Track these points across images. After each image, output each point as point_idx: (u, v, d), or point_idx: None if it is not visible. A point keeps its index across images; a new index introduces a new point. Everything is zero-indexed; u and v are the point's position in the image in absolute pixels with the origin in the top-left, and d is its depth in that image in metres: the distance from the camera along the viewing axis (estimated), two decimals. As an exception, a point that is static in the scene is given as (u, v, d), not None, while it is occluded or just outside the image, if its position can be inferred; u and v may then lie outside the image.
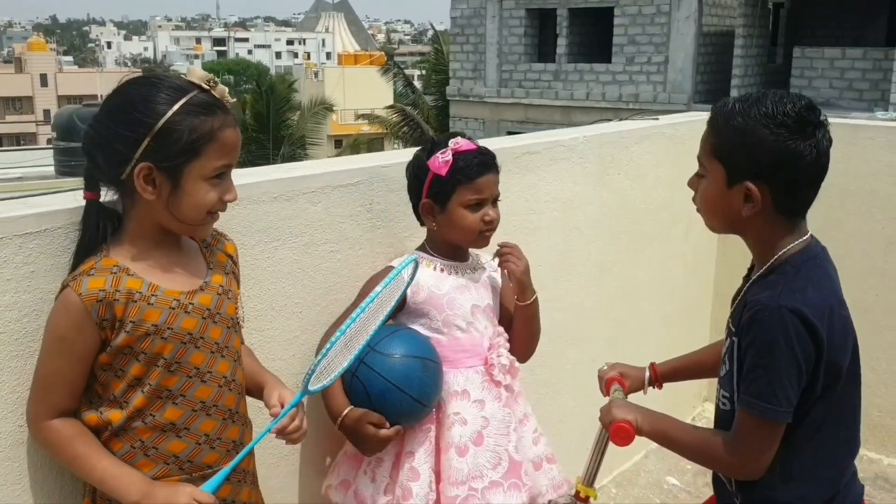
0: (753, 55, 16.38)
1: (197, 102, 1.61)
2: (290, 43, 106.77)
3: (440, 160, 2.14)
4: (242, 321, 1.87)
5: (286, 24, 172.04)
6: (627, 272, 3.57)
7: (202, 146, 1.61)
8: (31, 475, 1.75)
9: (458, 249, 2.28)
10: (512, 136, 3.56)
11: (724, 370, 1.78)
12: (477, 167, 2.16)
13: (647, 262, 3.69)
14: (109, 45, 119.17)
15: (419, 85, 29.13)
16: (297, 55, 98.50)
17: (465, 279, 2.26)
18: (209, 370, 1.71)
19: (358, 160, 2.53)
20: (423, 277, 2.19)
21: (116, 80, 1.68)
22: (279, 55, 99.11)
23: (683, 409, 4.12)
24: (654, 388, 2.21)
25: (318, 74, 50.04)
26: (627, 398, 2.10)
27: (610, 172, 3.35)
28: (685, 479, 3.70)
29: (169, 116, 1.57)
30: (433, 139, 2.25)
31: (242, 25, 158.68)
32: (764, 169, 1.64)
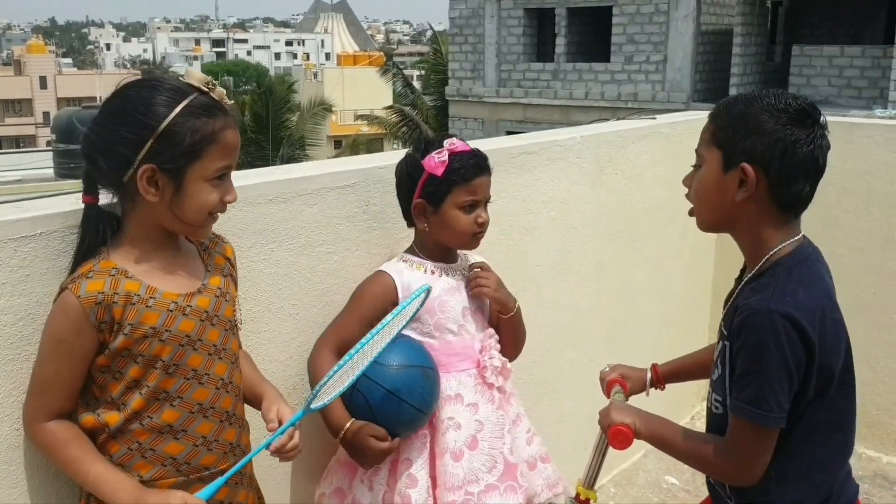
0: (752, 53, 16.38)
1: (198, 104, 1.62)
2: (289, 44, 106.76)
3: (436, 160, 2.12)
4: (240, 323, 1.87)
5: (285, 24, 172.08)
6: (625, 272, 3.57)
7: (204, 147, 1.61)
8: (27, 478, 1.74)
9: (447, 251, 2.27)
10: (509, 135, 3.57)
11: (716, 374, 1.77)
12: (472, 168, 2.15)
13: (644, 261, 3.69)
14: (108, 46, 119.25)
15: (418, 85, 29.13)
16: (296, 56, 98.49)
17: (455, 281, 2.25)
18: (207, 372, 1.72)
19: (354, 161, 2.53)
20: (413, 281, 2.18)
21: (115, 81, 1.68)
22: (278, 56, 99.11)
23: (682, 408, 4.12)
24: (656, 389, 2.20)
25: (317, 75, 50.05)
26: (628, 400, 2.09)
27: (607, 172, 3.35)
28: (684, 478, 3.71)
29: (171, 118, 1.58)
30: (426, 139, 2.23)
31: (241, 26, 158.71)
32: (761, 151, 1.64)
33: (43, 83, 53.60)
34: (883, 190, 3.75)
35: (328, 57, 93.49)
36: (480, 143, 3.01)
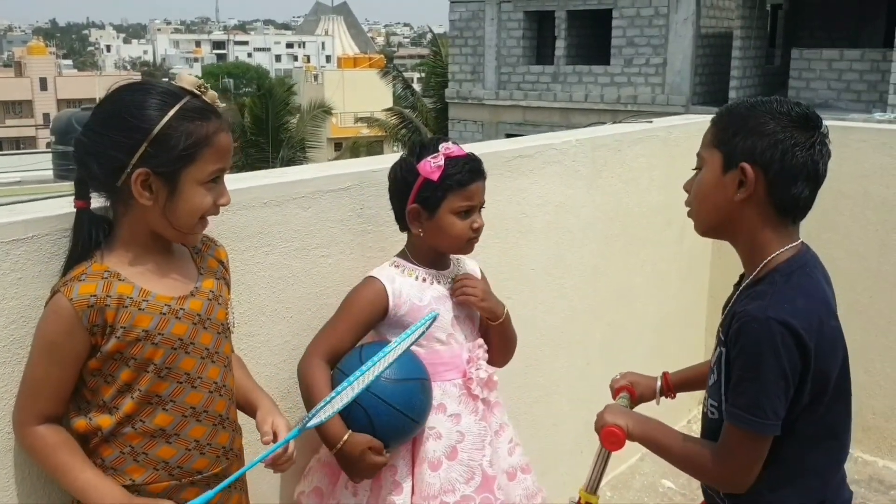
0: (751, 57, 16.39)
1: (191, 107, 1.62)
2: (289, 46, 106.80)
3: (432, 165, 2.09)
4: (233, 327, 1.87)
5: (286, 27, 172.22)
6: (621, 276, 3.57)
7: (198, 151, 1.61)
8: (18, 483, 1.74)
9: (440, 257, 2.25)
10: (507, 138, 3.56)
11: (712, 379, 1.77)
12: (468, 173, 2.13)
13: (641, 265, 3.69)
14: (109, 48, 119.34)
15: (418, 88, 29.14)
16: (296, 58, 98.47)
17: (446, 289, 2.23)
18: (199, 376, 1.71)
19: (349, 165, 2.53)
20: (405, 289, 2.17)
21: (116, 83, 1.67)
22: (279, 58, 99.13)
23: (679, 411, 4.12)
24: (666, 397, 2.19)
25: (317, 77, 50.05)
26: (635, 407, 2.08)
27: (603, 175, 3.35)
28: (680, 481, 3.70)
29: (165, 122, 1.58)
30: (421, 143, 2.20)
31: (242, 28, 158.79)
32: (760, 152, 1.64)
33: (43, 84, 53.63)
34: (879, 194, 3.75)
35: (329, 59, 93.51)
36: (476, 146, 3.01)
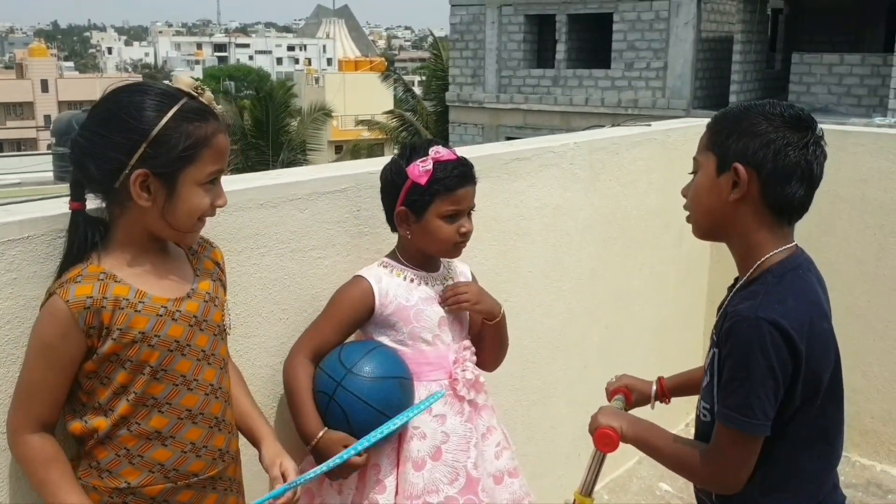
0: (752, 61, 16.41)
1: (189, 109, 1.62)
2: (290, 49, 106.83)
3: (420, 169, 2.09)
4: (229, 328, 1.86)
5: (287, 29, 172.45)
6: (619, 278, 3.57)
7: (197, 152, 1.61)
8: (11, 485, 1.74)
9: (429, 258, 2.25)
10: (506, 141, 3.56)
11: (705, 381, 1.77)
12: (457, 178, 2.12)
13: (639, 268, 3.69)
14: (110, 50, 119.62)
15: (419, 91, 29.17)
16: (297, 61, 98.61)
17: (434, 290, 2.23)
18: (195, 378, 1.71)
19: (345, 166, 2.53)
20: (391, 288, 2.17)
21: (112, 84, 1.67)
22: (280, 61, 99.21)
23: (677, 415, 4.11)
24: (661, 402, 2.19)
25: (318, 80, 50.12)
26: (630, 411, 2.08)
27: (601, 178, 3.35)
28: (678, 485, 3.70)
29: (164, 122, 1.58)
30: (412, 145, 2.20)
31: (243, 31, 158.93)
32: (753, 152, 1.65)
33: (44, 86, 53.68)
34: (876, 197, 3.75)
35: (330, 62, 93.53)
36: (473, 148, 3.01)
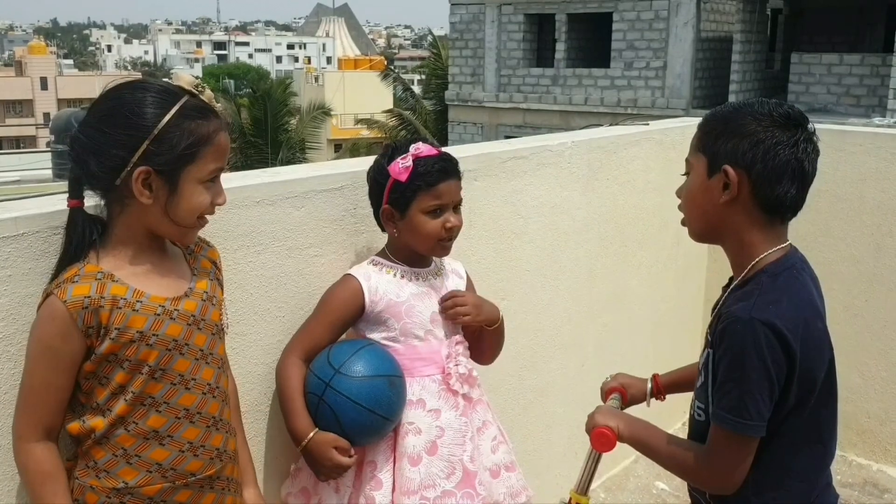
0: (751, 61, 16.42)
1: (191, 107, 1.62)
2: (290, 47, 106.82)
3: (400, 166, 2.11)
4: (227, 328, 1.86)
5: (287, 28, 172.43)
6: (617, 278, 3.57)
7: (199, 149, 1.61)
8: (12, 484, 1.74)
9: (419, 256, 2.25)
10: (504, 140, 3.56)
11: (699, 381, 1.77)
12: (437, 173, 2.13)
13: (636, 267, 3.69)
14: (110, 48, 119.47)
15: (419, 89, 29.16)
16: (297, 59, 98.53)
17: (425, 286, 2.23)
18: (193, 377, 1.71)
19: (342, 165, 2.53)
20: (382, 285, 2.17)
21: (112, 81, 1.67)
22: (280, 59, 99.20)
23: (673, 414, 4.11)
24: (656, 399, 2.19)
25: (318, 79, 50.06)
26: (625, 409, 2.08)
27: (599, 177, 3.35)
28: (674, 483, 3.70)
29: (167, 120, 1.58)
30: (394, 144, 2.21)
31: (243, 29, 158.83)
32: (742, 153, 1.65)
33: (44, 84, 53.66)
34: (874, 197, 3.75)
35: (329, 61, 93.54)
36: (470, 147, 3.01)
